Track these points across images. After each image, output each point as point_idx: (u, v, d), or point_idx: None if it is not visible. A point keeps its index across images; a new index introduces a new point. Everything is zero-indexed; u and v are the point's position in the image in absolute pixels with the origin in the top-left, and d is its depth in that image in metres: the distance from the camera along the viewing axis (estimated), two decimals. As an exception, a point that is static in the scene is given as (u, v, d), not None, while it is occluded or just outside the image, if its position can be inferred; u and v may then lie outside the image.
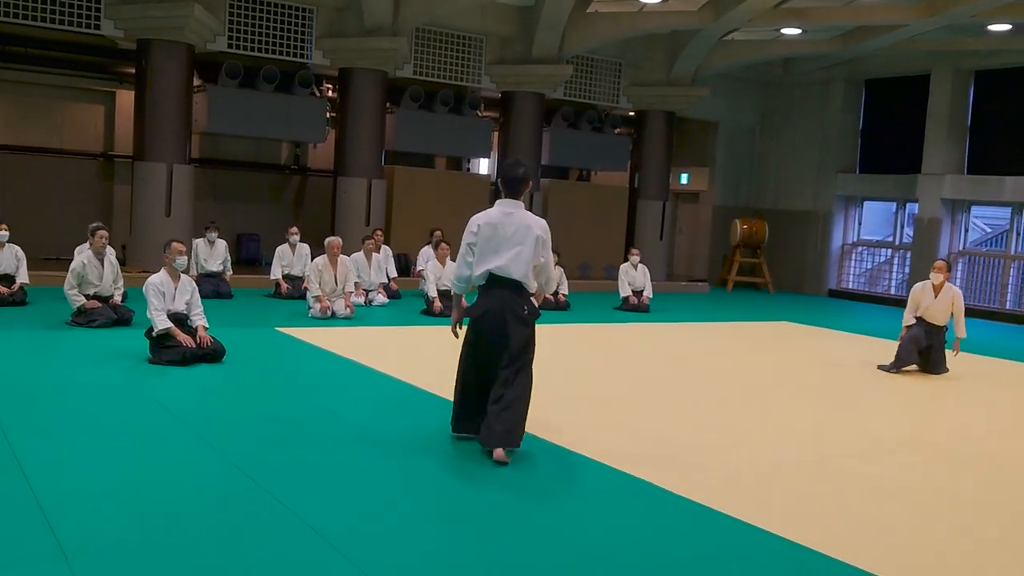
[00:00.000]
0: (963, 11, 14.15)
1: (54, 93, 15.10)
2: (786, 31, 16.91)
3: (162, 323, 7.77)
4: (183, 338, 7.76)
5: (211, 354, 7.87)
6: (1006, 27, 15.20)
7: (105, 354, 7.97)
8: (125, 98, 15.22)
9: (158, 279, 7.87)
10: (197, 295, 8.06)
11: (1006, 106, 17.07)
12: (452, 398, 5.76)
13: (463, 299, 5.73)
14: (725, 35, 17.02)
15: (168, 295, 7.87)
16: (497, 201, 5.59)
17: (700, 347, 10.95)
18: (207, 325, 8.02)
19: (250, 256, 16.08)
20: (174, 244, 8.05)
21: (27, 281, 10.70)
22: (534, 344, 5.51)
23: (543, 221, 5.55)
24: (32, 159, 14.87)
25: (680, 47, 17.66)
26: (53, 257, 13.74)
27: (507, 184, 5.58)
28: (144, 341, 7.93)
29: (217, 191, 16.19)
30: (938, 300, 9.60)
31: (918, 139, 17.87)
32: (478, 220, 5.51)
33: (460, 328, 5.72)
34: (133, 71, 14.34)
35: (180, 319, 7.92)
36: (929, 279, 9.67)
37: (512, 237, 5.40)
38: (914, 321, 9.66)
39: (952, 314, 9.67)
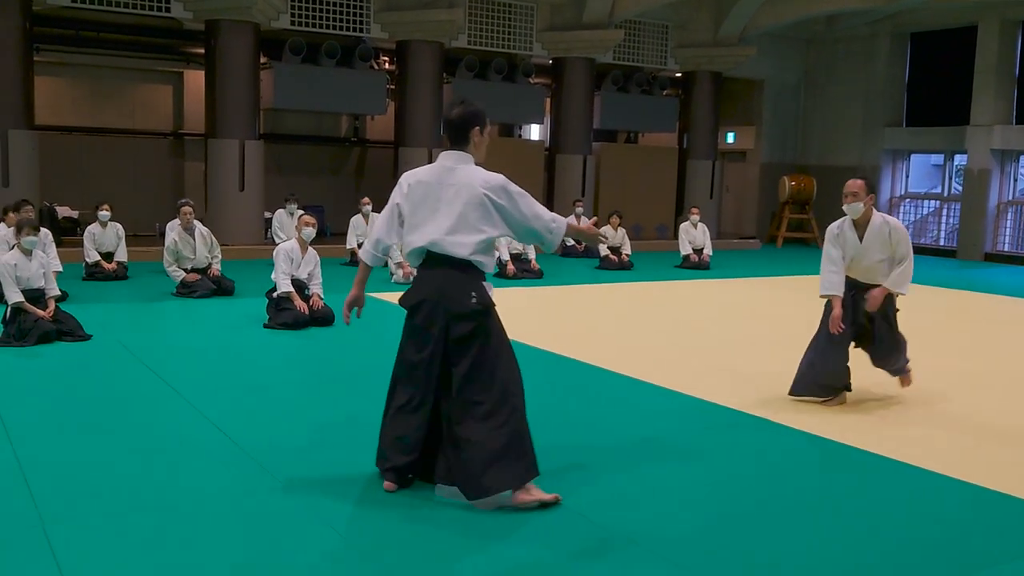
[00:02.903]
0: (1014, -38, 14.27)
1: (125, 75, 15.61)
2: (833, -13, 17.07)
3: (285, 286, 8.36)
4: (298, 302, 8.31)
5: (323, 319, 8.43)
6: (1056, -24, 15.30)
7: (211, 320, 8.53)
8: (192, 78, 15.70)
9: (289, 246, 8.54)
10: (319, 267, 8.66)
11: (1055, 54, 17.17)
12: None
13: (367, 273, 4.51)
14: (772, -6, 17.20)
15: (296, 262, 8.48)
16: (441, 153, 4.26)
17: (782, 299, 11.34)
18: (322, 295, 8.57)
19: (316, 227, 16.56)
20: (304, 217, 8.69)
21: (125, 258, 11.26)
22: (496, 343, 4.11)
23: (498, 176, 4.14)
24: (107, 139, 15.43)
25: (726, 7, 17.87)
26: (130, 234, 14.31)
27: (447, 130, 4.23)
28: (246, 308, 8.53)
29: (281, 165, 16.68)
30: (866, 243, 5.86)
31: (966, 91, 18.00)
32: (408, 178, 4.26)
33: (357, 315, 4.54)
34: (199, 51, 14.83)
35: (300, 286, 8.48)
36: (845, 215, 5.94)
37: (453, 200, 4.06)
38: (838, 290, 5.86)
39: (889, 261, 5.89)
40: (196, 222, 10.39)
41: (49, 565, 3.33)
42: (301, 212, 9.94)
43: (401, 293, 4.37)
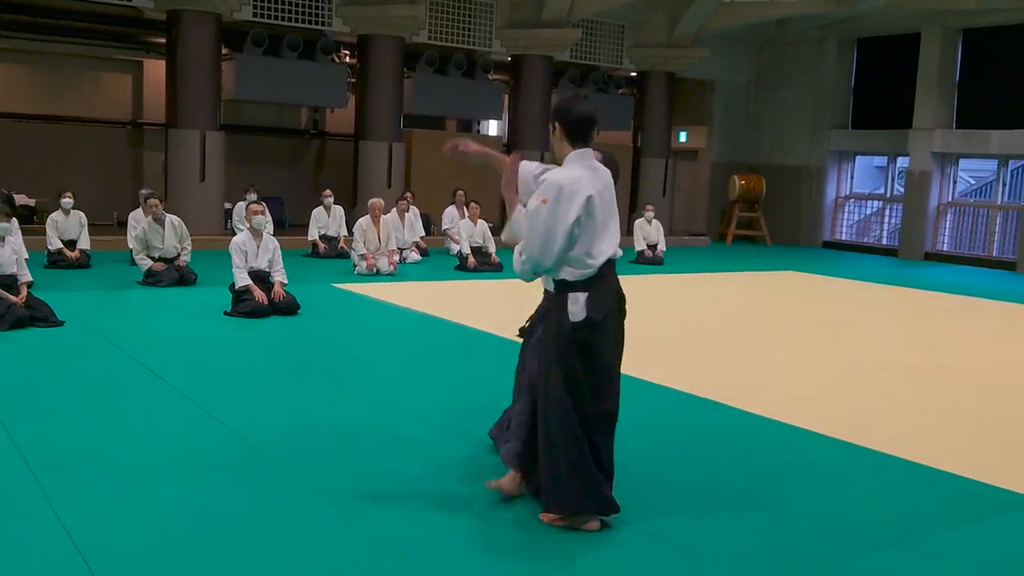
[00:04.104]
0: (956, -27, 14.87)
1: (84, 63, 15.54)
2: (785, -7, 17.58)
3: (241, 280, 8.47)
4: (257, 294, 8.44)
5: (285, 308, 8.56)
6: (995, -13, 15.97)
7: (179, 308, 8.67)
8: (152, 67, 15.69)
9: (241, 238, 8.56)
10: (279, 253, 8.74)
11: (992, 63, 17.87)
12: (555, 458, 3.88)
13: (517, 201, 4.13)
14: (726, -3, 17.68)
15: (250, 253, 8.56)
16: (570, 156, 3.85)
17: (727, 294, 11.77)
18: (285, 282, 8.69)
19: (275, 218, 16.60)
20: (252, 206, 8.76)
21: (88, 246, 11.29)
22: None
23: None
24: (65, 128, 15.35)
25: (681, 9, 18.29)
26: (88, 222, 14.28)
27: (578, 129, 3.85)
28: (211, 297, 8.68)
29: (241, 156, 16.71)
30: None
31: (909, 95, 18.65)
32: (583, 184, 3.74)
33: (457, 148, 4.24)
34: (159, 41, 14.84)
35: (261, 276, 8.61)
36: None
37: (612, 203, 3.90)
38: None
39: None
40: (170, 215, 10.47)
41: (58, 532, 3.53)
42: (251, 202, 9.92)
43: (372, 284, 4.57)
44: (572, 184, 3.72)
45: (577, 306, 3.74)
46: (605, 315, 3.77)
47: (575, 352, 3.74)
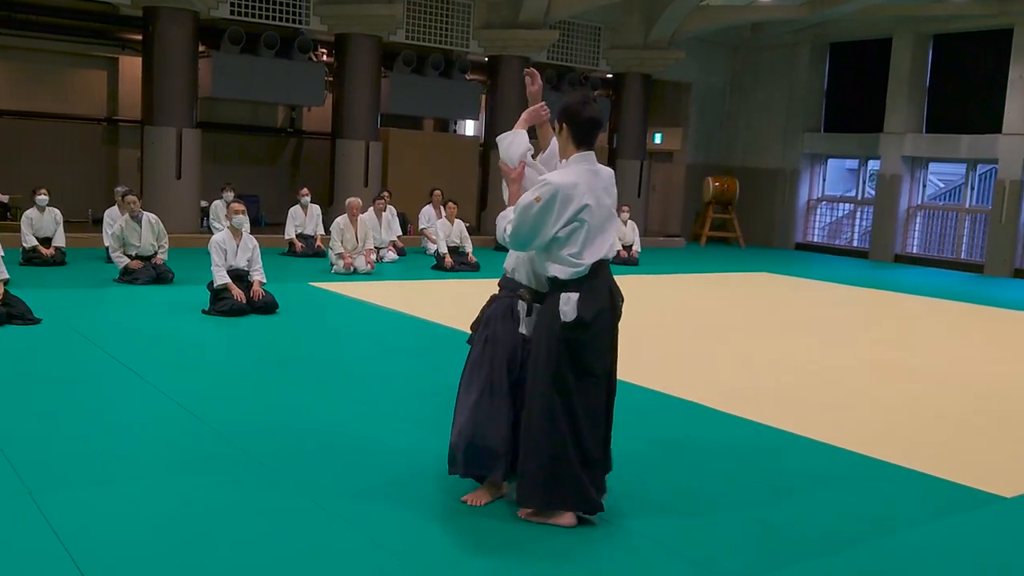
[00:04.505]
0: (927, -20, 15.13)
1: (59, 59, 15.42)
2: (759, -3, 17.79)
3: (220, 278, 8.48)
4: (236, 292, 8.46)
5: (264, 307, 8.60)
6: (965, -5, 16.26)
7: (156, 306, 8.68)
8: (128, 64, 15.62)
9: (221, 237, 8.59)
10: (258, 252, 8.76)
11: (962, 69, 18.17)
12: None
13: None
14: (702, 1, 17.82)
15: (230, 252, 8.58)
16: (573, 157, 3.90)
17: (701, 295, 11.91)
18: (264, 281, 8.72)
19: (250, 217, 16.50)
20: (233, 204, 8.78)
21: (63, 244, 11.23)
22: None
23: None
24: (39, 124, 15.24)
25: (657, 12, 18.43)
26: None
27: (585, 132, 3.91)
28: (188, 296, 8.75)
29: (217, 154, 16.67)
30: None
31: (880, 100, 18.92)
32: (580, 190, 3.80)
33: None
34: (135, 37, 14.79)
35: (240, 275, 8.63)
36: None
37: (612, 206, 3.98)
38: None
39: None
40: (148, 212, 10.46)
41: (44, 530, 3.56)
42: (231, 201, 9.96)
43: (348, 283, 4.65)
44: (568, 189, 3.79)
45: (568, 306, 3.80)
46: (596, 314, 3.82)
47: (565, 352, 3.81)
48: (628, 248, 14.95)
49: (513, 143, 4.07)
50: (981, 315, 11.50)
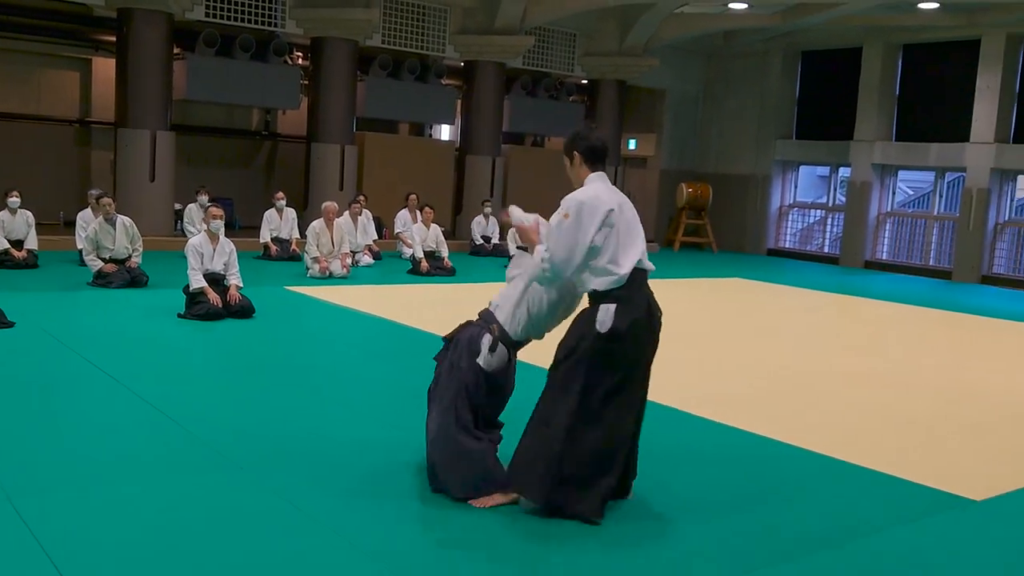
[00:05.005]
0: (899, -8, 15.38)
1: (31, 60, 15.28)
2: (733, 5, 17.93)
3: (196, 282, 8.47)
4: (212, 296, 8.45)
5: (240, 311, 8.58)
6: (934, 5, 16.51)
7: (131, 310, 8.64)
8: (101, 65, 15.51)
9: (198, 240, 8.58)
10: (235, 256, 8.76)
11: (931, 78, 18.45)
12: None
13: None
14: (676, 8, 17.98)
15: (206, 256, 8.57)
16: (591, 175, 4.20)
17: (675, 299, 11.98)
18: (240, 285, 8.72)
19: (225, 220, 16.55)
20: (211, 209, 8.77)
21: (35, 247, 11.14)
22: None
23: None
24: (10, 125, 15.08)
25: (632, 19, 18.57)
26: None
27: (596, 154, 4.24)
28: (163, 300, 8.73)
29: (191, 156, 16.58)
30: None
31: (851, 108, 19.18)
32: (603, 199, 4.02)
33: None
34: (108, 38, 14.70)
35: (216, 279, 8.62)
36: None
37: (634, 218, 4.18)
38: None
39: None
40: (122, 216, 10.41)
41: (23, 534, 3.56)
42: (209, 205, 9.94)
43: (323, 287, 4.70)
44: (592, 200, 4.01)
45: (607, 316, 3.96)
46: (630, 325, 3.97)
47: (598, 363, 3.97)
48: (603, 253, 15.03)
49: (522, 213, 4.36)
50: (949, 321, 11.70)
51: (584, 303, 4.21)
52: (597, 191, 4.07)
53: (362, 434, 5.19)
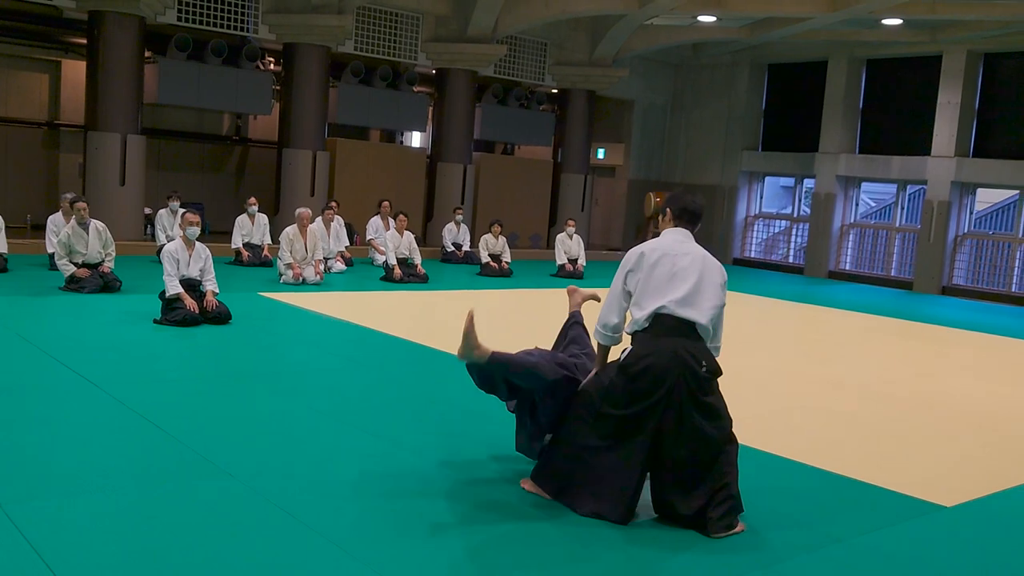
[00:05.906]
0: (863, 7, 15.72)
1: (-1, 61, 15.16)
2: (702, 18, 18.20)
3: (172, 288, 8.46)
4: (188, 302, 8.45)
5: (217, 317, 8.58)
6: (897, 21, 16.91)
7: (105, 315, 8.61)
8: (70, 67, 15.39)
9: (174, 247, 8.56)
10: (211, 262, 8.75)
11: (894, 92, 18.86)
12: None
13: (605, 355, 4.51)
14: (646, 20, 18.21)
15: (183, 262, 8.56)
16: (667, 230, 4.46)
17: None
18: (216, 291, 8.72)
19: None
20: (187, 215, 8.74)
21: (5, 250, 11.03)
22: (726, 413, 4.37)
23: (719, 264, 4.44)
24: (-24, 127, 14.94)
25: (602, 30, 18.78)
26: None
27: (686, 215, 4.44)
28: (136, 305, 8.69)
29: (161, 161, 16.50)
30: None
31: (816, 120, 19.54)
32: (642, 248, 4.37)
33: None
34: (78, 41, 14.61)
35: (192, 285, 8.61)
36: None
37: (689, 268, 4.25)
38: None
39: None
40: (95, 220, 10.34)
41: (19, 542, 3.58)
42: (184, 211, 9.90)
43: (299, 293, 4.77)
44: (640, 248, 4.38)
45: (622, 353, 4.28)
46: (643, 370, 4.14)
47: (607, 392, 4.25)
48: (574, 262, 15.19)
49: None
50: (911, 331, 11.97)
51: None
52: (655, 242, 4.38)
53: (344, 441, 5.25)
